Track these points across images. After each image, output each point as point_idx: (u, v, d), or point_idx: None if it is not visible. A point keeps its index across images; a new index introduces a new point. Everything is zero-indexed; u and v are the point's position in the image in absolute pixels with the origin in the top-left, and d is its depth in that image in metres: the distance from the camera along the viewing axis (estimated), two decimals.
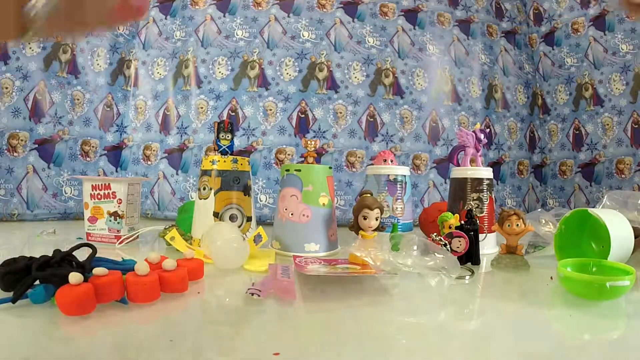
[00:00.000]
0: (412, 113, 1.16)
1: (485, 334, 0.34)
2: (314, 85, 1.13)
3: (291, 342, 0.31)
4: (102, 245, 0.67)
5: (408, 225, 0.80)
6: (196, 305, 0.40)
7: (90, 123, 1.11)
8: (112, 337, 0.31)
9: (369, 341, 0.31)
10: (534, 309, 0.41)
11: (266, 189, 1.07)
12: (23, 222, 0.97)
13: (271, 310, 0.38)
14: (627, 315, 0.40)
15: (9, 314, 0.34)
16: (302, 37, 1.15)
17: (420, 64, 1.18)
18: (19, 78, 0.99)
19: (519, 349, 0.31)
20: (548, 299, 0.45)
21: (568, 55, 1.24)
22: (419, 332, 0.34)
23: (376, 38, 1.18)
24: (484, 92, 1.24)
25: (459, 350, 0.31)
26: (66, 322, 0.33)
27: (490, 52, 1.28)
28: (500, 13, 1.33)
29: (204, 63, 1.14)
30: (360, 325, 0.35)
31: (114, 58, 1.16)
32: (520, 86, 1.31)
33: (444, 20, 1.24)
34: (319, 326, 0.35)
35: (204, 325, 0.35)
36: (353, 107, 1.13)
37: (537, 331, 0.34)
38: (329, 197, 0.66)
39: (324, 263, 0.55)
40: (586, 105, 1.19)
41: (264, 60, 1.13)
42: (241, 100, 1.11)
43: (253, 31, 1.15)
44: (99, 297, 0.35)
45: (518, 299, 0.45)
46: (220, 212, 0.63)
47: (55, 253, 0.39)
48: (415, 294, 0.46)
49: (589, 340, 0.34)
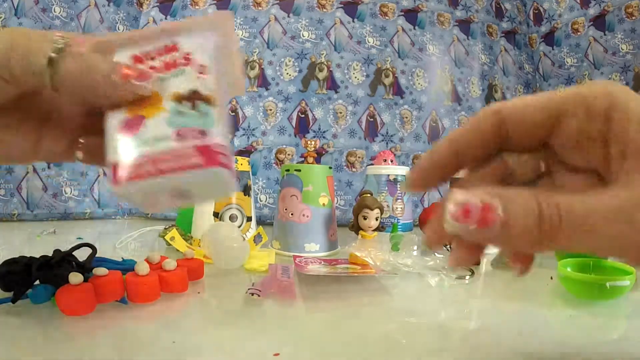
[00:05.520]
0: (412, 113, 1.16)
1: (485, 334, 0.34)
2: (314, 85, 1.13)
3: (291, 342, 0.31)
4: None
5: (408, 225, 0.80)
6: (196, 305, 0.40)
7: None
8: (112, 337, 0.31)
9: (369, 341, 0.31)
10: (534, 309, 0.41)
11: (266, 189, 1.07)
12: (23, 222, 0.97)
13: (271, 310, 0.38)
14: (627, 315, 0.40)
15: (9, 314, 0.34)
16: (302, 37, 1.15)
17: (420, 64, 1.18)
18: None
19: (519, 348, 0.31)
20: (548, 299, 0.45)
21: (568, 55, 1.24)
22: (419, 332, 0.34)
23: (376, 38, 1.18)
24: (484, 92, 1.24)
25: (459, 350, 0.31)
26: (66, 322, 0.33)
27: (490, 52, 1.28)
28: (500, 13, 1.33)
29: None
30: (361, 325, 0.35)
31: None
32: (520, 86, 1.31)
33: (444, 21, 1.24)
34: (319, 326, 0.35)
35: (204, 325, 0.35)
36: (353, 107, 1.13)
37: (537, 331, 0.34)
38: (329, 197, 0.66)
39: (324, 263, 0.55)
40: None
41: (264, 60, 1.13)
42: (241, 100, 1.11)
43: (253, 31, 1.15)
44: (99, 297, 0.35)
45: (518, 299, 0.45)
46: (220, 212, 0.63)
47: (55, 253, 0.39)
48: (415, 294, 0.46)
49: (589, 340, 0.34)
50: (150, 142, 0.21)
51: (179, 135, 0.21)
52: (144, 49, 0.24)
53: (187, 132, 0.21)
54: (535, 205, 0.16)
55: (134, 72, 0.22)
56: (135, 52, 0.24)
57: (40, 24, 1.01)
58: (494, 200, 0.16)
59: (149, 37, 0.24)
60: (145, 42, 0.24)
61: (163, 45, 0.24)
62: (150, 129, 0.21)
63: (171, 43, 0.24)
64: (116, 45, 0.24)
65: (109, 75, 0.21)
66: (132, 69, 0.22)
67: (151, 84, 0.22)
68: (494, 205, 0.16)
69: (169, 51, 0.24)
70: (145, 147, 0.20)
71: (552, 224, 0.15)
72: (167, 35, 0.24)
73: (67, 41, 0.21)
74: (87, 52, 0.22)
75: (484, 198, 0.16)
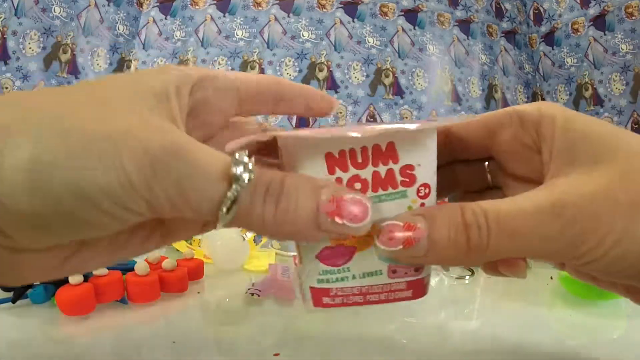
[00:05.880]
0: (412, 113, 1.16)
1: (486, 334, 0.34)
2: (314, 85, 1.13)
3: (291, 342, 0.31)
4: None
5: None
6: (196, 305, 0.40)
7: None
8: (112, 337, 0.31)
9: (369, 341, 0.31)
10: (534, 309, 0.41)
11: None
12: None
13: (271, 310, 0.38)
14: (627, 315, 0.40)
15: (9, 314, 0.34)
16: (302, 37, 1.15)
17: (420, 64, 1.18)
18: (19, 78, 0.99)
19: (519, 348, 0.31)
20: (548, 299, 0.45)
21: (568, 55, 1.24)
22: (419, 332, 0.34)
23: (376, 38, 1.18)
24: (484, 92, 1.24)
25: (459, 350, 0.31)
26: (66, 322, 0.33)
27: (490, 52, 1.28)
28: (500, 13, 1.33)
29: (204, 63, 1.14)
30: (361, 325, 0.35)
31: (114, 58, 1.16)
32: (520, 86, 1.31)
33: (444, 21, 1.24)
34: (319, 326, 0.35)
35: (204, 325, 0.35)
36: (353, 107, 1.13)
37: (537, 331, 0.34)
38: None
39: None
40: (586, 105, 1.19)
41: (264, 60, 1.13)
42: None
43: (253, 31, 1.15)
44: (99, 297, 0.35)
45: (518, 299, 0.45)
46: None
47: None
48: None
49: (589, 340, 0.34)
50: (361, 276, 0.19)
51: (393, 272, 0.19)
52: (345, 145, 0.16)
53: (402, 269, 0.19)
54: (459, 215, 0.16)
55: (347, 204, 0.15)
56: (333, 149, 0.16)
57: (40, 24, 1.01)
58: (416, 218, 0.16)
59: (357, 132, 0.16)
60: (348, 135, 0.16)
61: (374, 146, 0.16)
62: (362, 263, 0.18)
63: (386, 142, 0.16)
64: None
65: (315, 218, 0.15)
66: (342, 199, 0.15)
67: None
68: (416, 224, 0.16)
69: (385, 158, 0.17)
70: (356, 281, 0.19)
71: (480, 232, 0.16)
72: (379, 136, 0.16)
73: (251, 177, 0.14)
74: (283, 182, 0.14)
75: (407, 219, 0.16)
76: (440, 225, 0.16)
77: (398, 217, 0.17)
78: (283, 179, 0.15)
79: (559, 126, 0.17)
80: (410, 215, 0.16)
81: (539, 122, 0.18)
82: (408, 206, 0.17)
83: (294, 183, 0.15)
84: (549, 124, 0.18)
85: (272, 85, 0.20)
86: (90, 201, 0.13)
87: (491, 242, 0.16)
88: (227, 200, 0.14)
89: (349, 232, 0.15)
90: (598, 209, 0.15)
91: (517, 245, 0.16)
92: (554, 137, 0.17)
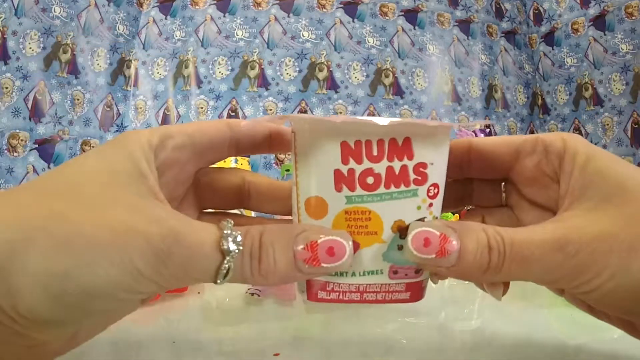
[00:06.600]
0: (412, 113, 1.16)
1: (486, 334, 0.34)
2: (314, 85, 1.13)
3: (291, 342, 0.31)
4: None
5: None
6: (196, 305, 0.40)
7: (91, 123, 1.11)
8: (112, 337, 0.31)
9: (369, 341, 0.31)
10: (534, 309, 0.41)
11: None
12: None
13: (271, 310, 0.38)
14: None
15: None
16: (302, 37, 1.15)
17: (420, 64, 1.18)
18: (19, 78, 0.99)
19: (520, 349, 0.31)
20: (548, 299, 0.45)
21: (568, 55, 1.24)
22: (419, 332, 0.34)
23: (376, 38, 1.18)
24: (484, 92, 1.24)
25: (459, 350, 0.31)
26: None
27: (490, 52, 1.28)
28: (500, 13, 1.33)
29: (204, 63, 1.14)
30: (361, 325, 0.35)
31: (114, 58, 1.16)
32: (520, 86, 1.31)
33: (444, 21, 1.24)
34: (319, 326, 0.35)
35: (204, 325, 0.35)
36: (353, 107, 1.13)
37: (538, 331, 0.34)
38: None
39: None
40: (586, 105, 1.19)
41: (264, 60, 1.13)
42: (241, 100, 1.11)
43: (253, 31, 1.15)
44: None
45: (518, 299, 0.45)
46: None
47: None
48: None
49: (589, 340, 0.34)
50: (361, 274, 0.18)
51: (394, 272, 0.19)
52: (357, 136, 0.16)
53: (403, 270, 0.19)
54: (484, 237, 0.17)
55: (321, 248, 0.16)
56: (350, 139, 0.16)
57: (40, 24, 1.01)
58: (449, 231, 0.17)
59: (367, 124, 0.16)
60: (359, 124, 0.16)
61: (390, 139, 0.16)
62: (364, 261, 0.18)
63: (403, 137, 0.16)
64: None
65: (294, 267, 0.16)
66: (317, 245, 0.16)
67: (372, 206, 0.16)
68: (450, 237, 0.17)
69: (400, 153, 0.16)
70: (355, 279, 0.19)
71: (499, 254, 0.17)
72: (399, 127, 0.16)
73: (239, 249, 0.15)
74: (263, 240, 0.16)
75: (442, 230, 0.17)
76: (469, 243, 0.17)
77: (429, 224, 0.17)
78: (260, 236, 0.16)
79: (579, 163, 0.18)
80: (443, 226, 0.17)
81: (562, 156, 0.19)
82: (417, 206, 0.17)
83: (269, 239, 0.16)
84: (570, 158, 0.19)
85: (223, 132, 0.19)
86: (107, 296, 0.14)
87: (504, 266, 0.17)
88: (222, 271, 0.15)
89: (331, 271, 0.16)
90: (598, 247, 0.17)
91: (523, 272, 0.18)
92: (573, 173, 0.18)
